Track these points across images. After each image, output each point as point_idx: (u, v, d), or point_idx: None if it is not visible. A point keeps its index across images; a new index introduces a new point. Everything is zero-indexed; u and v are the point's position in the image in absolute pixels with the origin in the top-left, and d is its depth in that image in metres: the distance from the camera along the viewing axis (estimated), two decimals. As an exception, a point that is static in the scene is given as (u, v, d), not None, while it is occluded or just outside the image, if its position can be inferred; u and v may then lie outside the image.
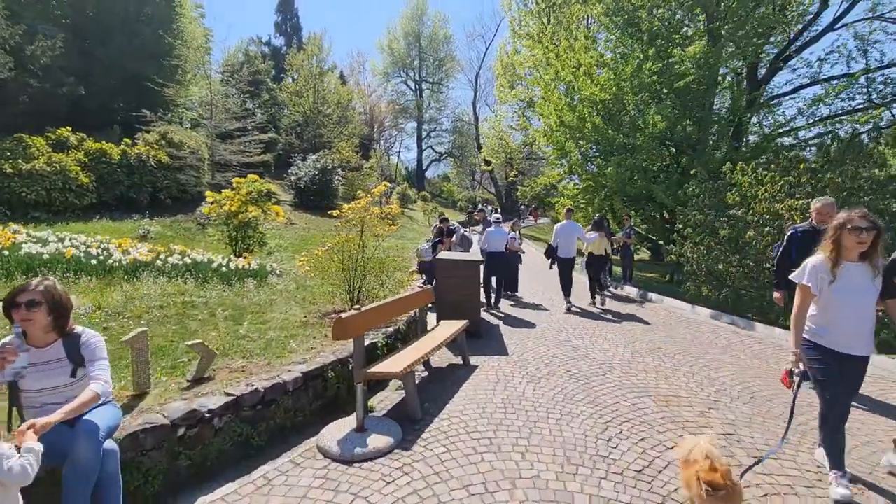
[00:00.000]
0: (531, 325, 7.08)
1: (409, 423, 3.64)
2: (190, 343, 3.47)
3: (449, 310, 6.04)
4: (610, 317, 7.79)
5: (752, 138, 13.27)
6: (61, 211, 12.10)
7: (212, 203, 9.66)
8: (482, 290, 7.53)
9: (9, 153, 11.27)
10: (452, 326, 5.15)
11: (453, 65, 48.72)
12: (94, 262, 7.07)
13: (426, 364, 5.03)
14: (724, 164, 9.23)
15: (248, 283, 7.60)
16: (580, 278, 10.37)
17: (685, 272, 9.19)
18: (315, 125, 29.83)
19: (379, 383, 4.49)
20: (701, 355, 5.62)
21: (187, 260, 7.83)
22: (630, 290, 10.68)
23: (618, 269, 11.91)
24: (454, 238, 8.49)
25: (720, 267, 8.21)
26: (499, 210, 33.56)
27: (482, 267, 7.49)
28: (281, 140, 27.68)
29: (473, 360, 5.32)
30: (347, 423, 3.43)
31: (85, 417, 2.18)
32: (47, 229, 9.25)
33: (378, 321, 4.25)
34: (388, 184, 7.03)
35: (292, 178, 21.07)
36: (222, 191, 9.94)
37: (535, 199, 35.76)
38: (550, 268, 9.03)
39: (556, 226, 8.72)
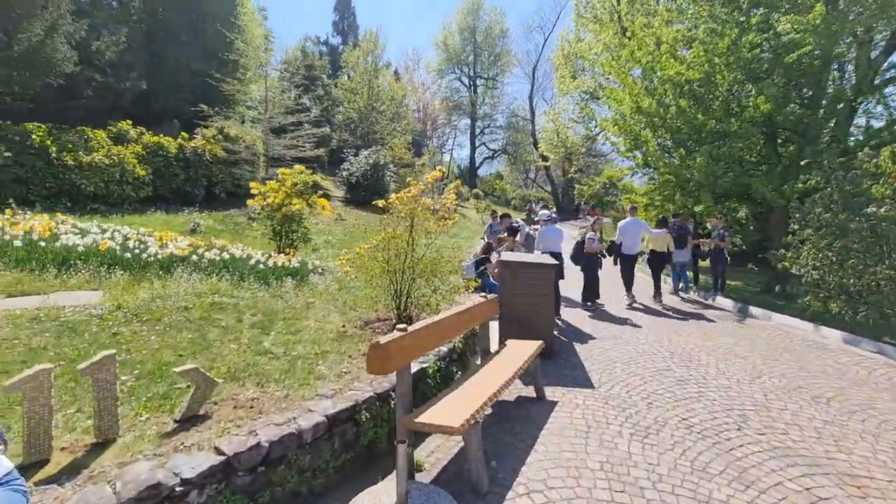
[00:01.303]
0: (611, 343, 5.75)
1: (472, 495, 2.54)
2: (180, 370, 2.58)
3: (514, 324, 4.88)
4: (708, 336, 6.27)
5: (874, 123, 10.94)
6: (119, 203, 12.14)
7: (257, 195, 9.08)
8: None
9: (71, 146, 11.39)
10: (524, 349, 3.98)
11: (509, 59, 47.09)
12: (128, 255, 6.57)
13: (489, 397, 3.90)
14: (861, 149, 7.36)
15: (286, 282, 6.84)
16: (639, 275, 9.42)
17: (804, 283, 7.42)
18: (369, 122, 29.53)
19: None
20: (867, 402, 4.08)
21: (225, 256, 7.20)
22: (723, 302, 8.96)
23: (685, 274, 10.16)
24: (518, 237, 7.28)
25: (857, 279, 6.43)
26: (553, 208, 31.70)
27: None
28: (335, 136, 27.61)
29: (549, 391, 4.14)
30: (384, 497, 2.38)
31: None
32: (93, 220, 9.04)
33: (429, 345, 3.18)
34: (443, 169, 5.96)
35: (344, 173, 20.72)
36: (267, 182, 9.35)
37: (593, 197, 33.58)
38: (615, 264, 8.87)
39: (621, 223, 8.62)
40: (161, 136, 13.93)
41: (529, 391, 4.16)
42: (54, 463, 2.13)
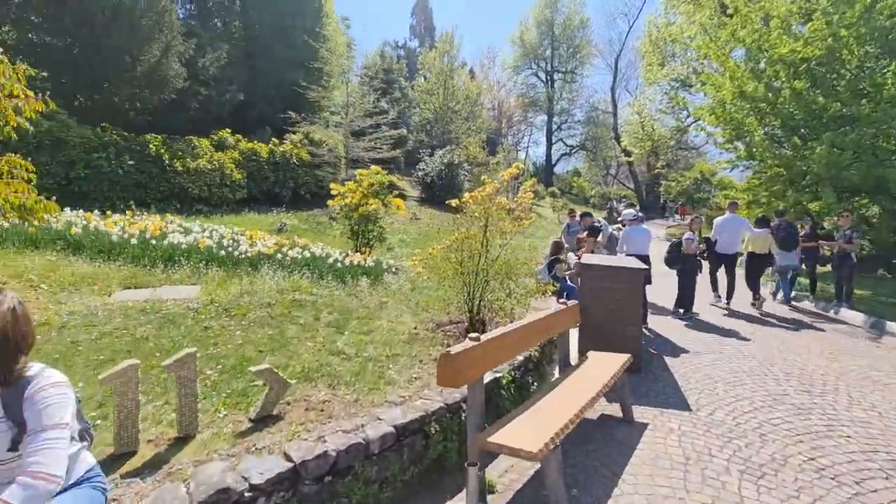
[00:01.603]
0: (710, 358, 5.08)
1: (550, 528, 2.27)
2: (255, 369, 2.60)
3: (596, 334, 4.47)
4: (834, 356, 5.31)
5: None
6: (219, 204, 13.34)
7: (336, 196, 9.42)
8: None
9: (180, 153, 12.70)
10: (610, 363, 3.59)
11: (589, 51, 44.92)
12: (222, 253, 7.09)
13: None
14: None
15: (361, 281, 6.96)
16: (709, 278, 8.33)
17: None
18: (444, 122, 29.81)
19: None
20: None
21: (306, 254, 7.52)
22: (850, 315, 7.63)
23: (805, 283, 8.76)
24: (600, 238, 6.75)
25: None
26: (637, 207, 29.65)
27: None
28: (411, 138, 28.23)
29: (638, 411, 3.70)
30: (453, 520, 2.20)
31: None
32: (196, 221, 9.95)
33: (504, 356, 2.94)
34: (520, 165, 5.66)
35: (419, 173, 21.08)
36: (345, 183, 9.67)
37: (682, 194, 30.91)
38: (707, 261, 8.14)
39: (717, 220, 7.92)
40: (254, 142, 15.10)
41: (614, 409, 3.75)
42: (140, 455, 2.23)
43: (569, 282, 6.60)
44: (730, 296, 7.75)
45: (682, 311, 7.01)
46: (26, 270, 5.73)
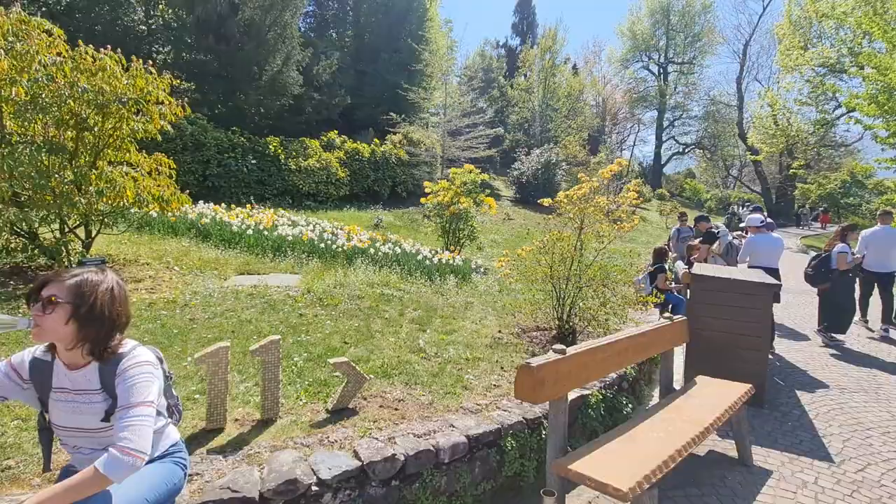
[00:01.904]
0: (860, 397, 4.12)
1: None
2: (334, 361, 2.62)
3: (708, 356, 3.86)
4: None
5: None
6: (324, 200, 14.37)
7: (429, 194, 9.56)
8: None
9: (294, 153, 13.92)
10: (725, 392, 3.06)
11: (712, 38, 40.37)
12: (322, 245, 7.55)
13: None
14: None
15: (449, 279, 6.93)
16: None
17: None
18: (543, 120, 29.02)
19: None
20: None
21: (397, 250, 7.70)
22: None
23: None
24: (715, 246, 5.89)
25: None
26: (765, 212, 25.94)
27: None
28: (508, 137, 27.93)
29: (759, 453, 3.11)
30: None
31: None
32: (303, 215, 10.77)
33: (594, 374, 2.62)
34: (623, 161, 5.14)
35: (515, 173, 20.73)
36: (438, 181, 9.76)
37: (825, 198, 26.39)
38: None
39: (864, 232, 6.66)
40: (358, 142, 16.01)
41: (727, 447, 3.19)
42: (226, 433, 2.35)
43: (675, 293, 5.89)
44: (886, 320, 6.35)
45: (830, 334, 5.84)
46: (165, 253, 6.63)
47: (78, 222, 5.41)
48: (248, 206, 10.25)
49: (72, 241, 5.25)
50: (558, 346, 2.36)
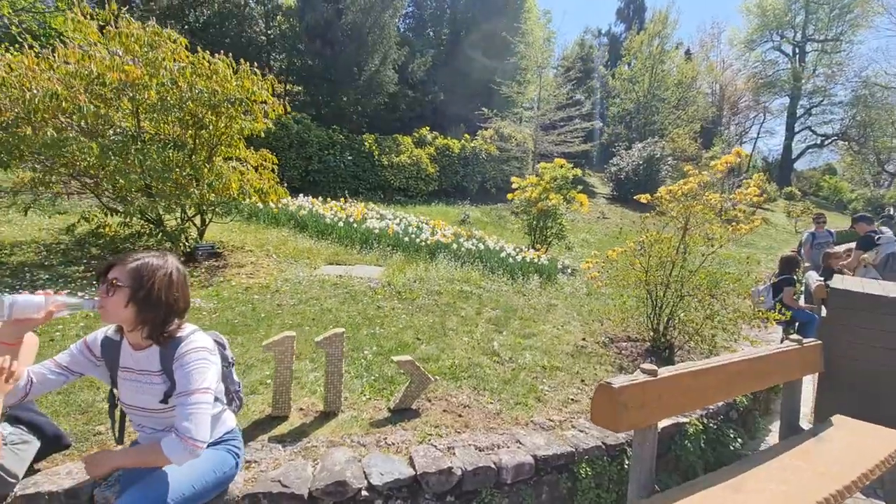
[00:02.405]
0: None
1: None
2: (398, 359, 2.53)
3: (850, 392, 3.11)
4: None
5: None
6: (414, 195, 14.70)
7: (516, 189, 9.23)
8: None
9: (387, 149, 14.41)
10: (874, 440, 2.41)
11: (866, 8, 33.99)
12: (406, 239, 7.65)
13: None
14: None
15: (532, 279, 6.60)
16: None
17: None
18: (647, 112, 26.77)
19: None
20: None
21: (480, 246, 7.53)
22: None
23: None
24: (869, 255, 4.80)
25: None
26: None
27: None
28: (606, 130, 26.28)
29: (921, 526, 2.40)
30: None
31: (135, 487, 1.41)
32: (391, 209, 11.07)
33: (693, 402, 2.19)
34: (742, 151, 4.40)
35: (612, 168, 19.43)
36: (527, 177, 9.38)
37: None
38: None
39: None
40: (448, 138, 16.10)
41: (873, 509, 2.53)
42: (289, 422, 2.37)
43: (805, 310, 4.93)
44: None
45: None
46: (267, 242, 7.19)
47: (195, 212, 6.05)
48: (341, 199, 10.80)
49: (189, 229, 5.89)
50: (648, 366, 2.00)
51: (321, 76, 14.99)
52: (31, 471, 1.70)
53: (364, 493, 1.85)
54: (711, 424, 2.85)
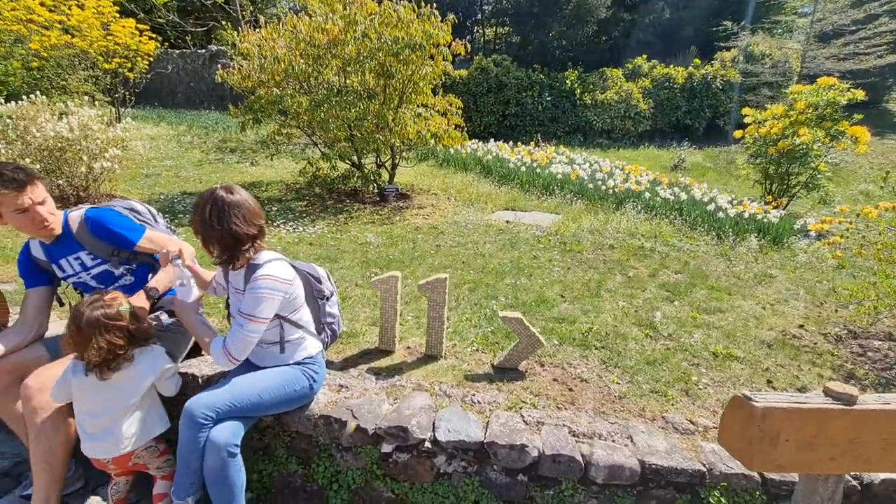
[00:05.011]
0: None
1: None
2: (504, 315, 2.29)
3: None
4: None
5: None
6: (620, 138, 13.09)
7: (750, 124, 7.14)
8: None
9: (591, 86, 13.03)
10: None
11: None
12: (591, 186, 6.91)
13: None
14: None
15: (749, 240, 5.14)
16: None
17: None
18: None
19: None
20: None
21: (682, 196, 6.23)
22: None
23: None
24: None
25: None
26: None
27: None
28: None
29: None
30: None
31: (213, 386, 1.64)
32: (584, 152, 10.08)
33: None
34: None
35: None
36: (769, 107, 7.10)
37: None
38: None
39: None
40: (672, 66, 13.48)
41: None
42: (391, 358, 2.45)
43: None
44: None
45: None
46: (451, 186, 7.54)
47: (387, 156, 6.72)
48: (531, 143, 10.40)
49: (381, 172, 6.60)
50: (840, 387, 1.25)
51: (527, 12, 14.29)
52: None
53: (427, 444, 1.78)
54: None
